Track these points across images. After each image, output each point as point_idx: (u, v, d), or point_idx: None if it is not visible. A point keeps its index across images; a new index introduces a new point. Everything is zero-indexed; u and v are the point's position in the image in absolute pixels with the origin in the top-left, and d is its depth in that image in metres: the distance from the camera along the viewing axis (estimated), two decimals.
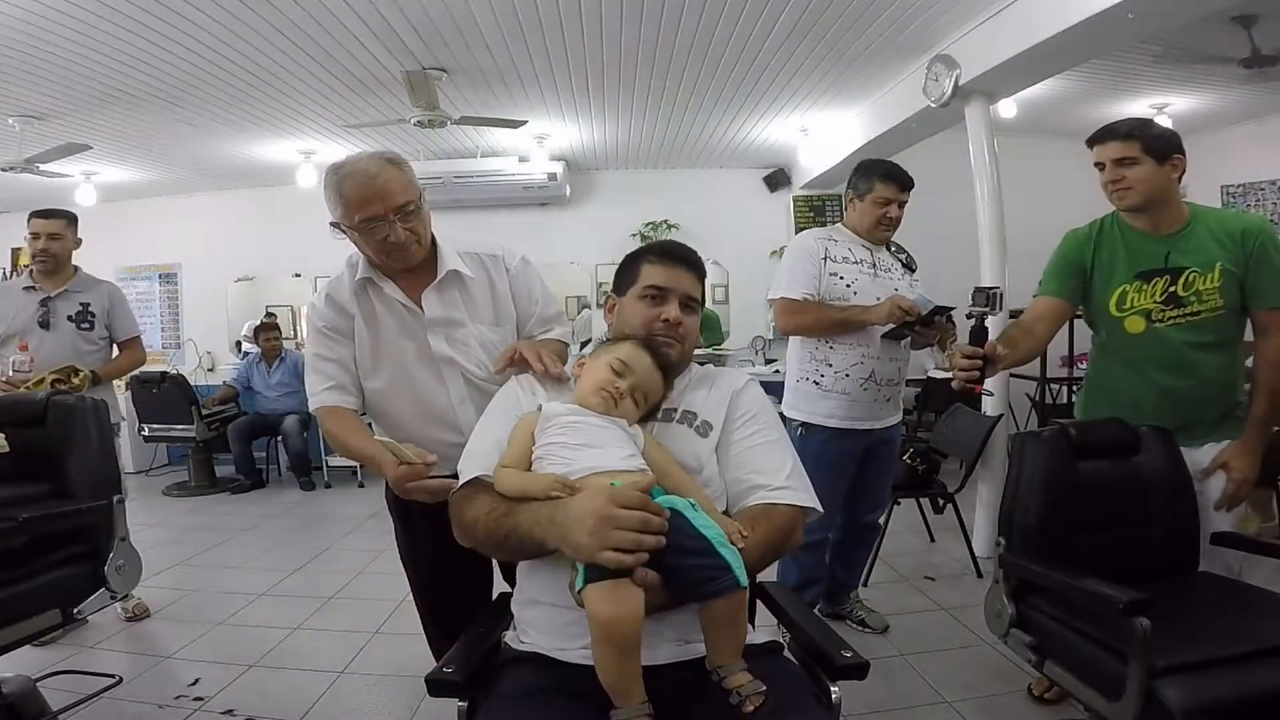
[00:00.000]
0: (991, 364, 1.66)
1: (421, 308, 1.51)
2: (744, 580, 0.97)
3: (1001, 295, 1.84)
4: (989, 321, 1.72)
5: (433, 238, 1.55)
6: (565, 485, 1.03)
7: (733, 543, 1.00)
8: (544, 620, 1.12)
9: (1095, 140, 1.83)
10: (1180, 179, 1.78)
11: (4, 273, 6.33)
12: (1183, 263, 1.76)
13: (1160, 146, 1.74)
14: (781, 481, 1.16)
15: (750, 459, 1.19)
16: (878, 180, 2.32)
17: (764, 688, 0.96)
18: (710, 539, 0.97)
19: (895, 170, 2.34)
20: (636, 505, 0.96)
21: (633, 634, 0.93)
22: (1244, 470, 1.75)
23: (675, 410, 1.25)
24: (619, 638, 0.93)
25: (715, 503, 1.14)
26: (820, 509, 1.19)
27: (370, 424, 1.61)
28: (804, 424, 2.34)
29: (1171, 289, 1.76)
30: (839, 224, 2.46)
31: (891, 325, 2.21)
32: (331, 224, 1.48)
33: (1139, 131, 1.76)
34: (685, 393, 1.27)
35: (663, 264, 1.29)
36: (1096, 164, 1.82)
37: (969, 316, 1.72)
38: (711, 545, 0.97)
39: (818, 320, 2.28)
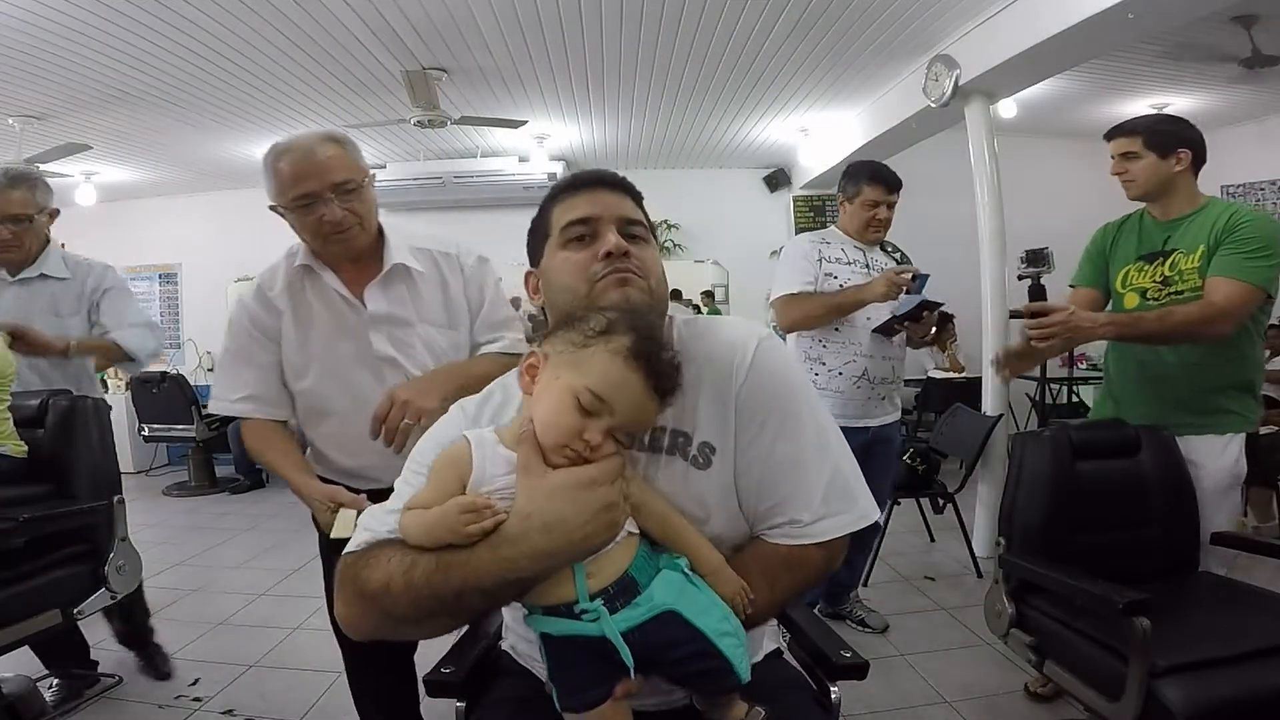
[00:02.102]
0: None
1: (364, 303, 1.40)
2: (746, 676, 0.80)
3: (1052, 254, 1.89)
4: (1044, 279, 1.79)
5: (381, 229, 1.44)
6: (487, 508, 0.75)
7: (737, 611, 0.81)
8: (529, 658, 1.03)
9: (1107, 136, 1.93)
10: (1185, 171, 1.82)
11: None
12: (1175, 245, 1.83)
13: (1162, 141, 1.81)
14: (815, 512, 0.86)
15: (773, 484, 0.87)
16: (865, 183, 2.35)
17: (764, 711, 0.84)
18: (709, 635, 0.77)
19: (882, 171, 2.37)
20: (601, 455, 0.76)
21: None
22: (1073, 316, 1.72)
23: (663, 432, 0.88)
24: None
25: (725, 547, 0.87)
26: (877, 517, 0.92)
27: (302, 432, 1.53)
28: None
29: (1164, 271, 1.84)
30: (831, 227, 2.49)
31: (888, 316, 2.24)
32: (270, 206, 1.38)
33: (1143, 127, 1.85)
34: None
35: (579, 193, 0.95)
36: (1111, 158, 1.92)
37: (1021, 278, 1.78)
38: (711, 643, 0.77)
39: (817, 307, 2.29)
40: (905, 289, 2.17)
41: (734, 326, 0.93)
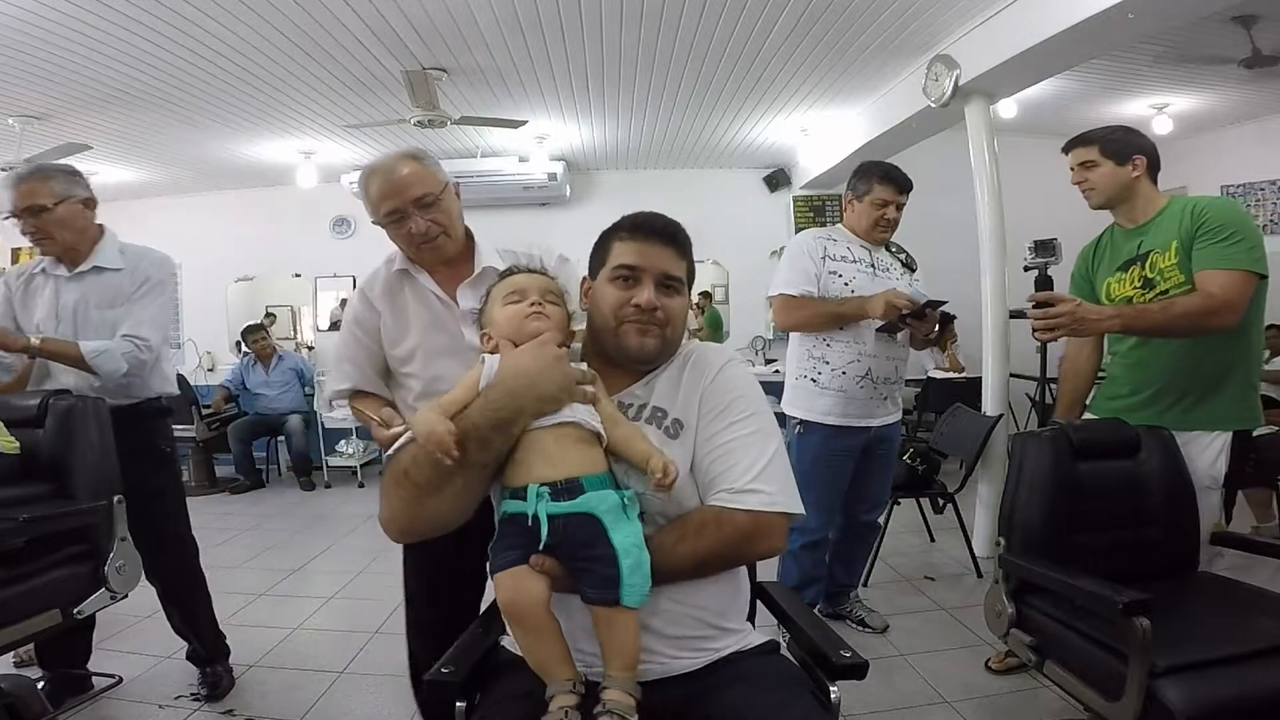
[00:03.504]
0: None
1: (456, 301, 1.57)
2: (628, 601, 0.94)
3: (1060, 245, 1.90)
4: (1051, 270, 1.84)
5: (470, 234, 1.63)
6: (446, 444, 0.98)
7: (654, 471, 1.00)
8: None
9: (1065, 148, 1.99)
10: (1141, 177, 1.87)
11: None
12: (1149, 246, 1.84)
13: (1117, 149, 1.87)
14: (745, 484, 1.05)
15: (719, 457, 1.08)
16: (876, 182, 2.34)
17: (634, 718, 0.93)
18: (615, 548, 0.95)
19: (893, 172, 2.37)
20: (560, 343, 1.10)
21: (536, 615, 0.96)
22: (1079, 307, 1.75)
23: (646, 405, 1.14)
24: (521, 618, 0.97)
25: (678, 509, 1.07)
26: (798, 510, 1.08)
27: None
28: (802, 421, 2.36)
29: (1143, 273, 1.84)
30: (838, 224, 2.48)
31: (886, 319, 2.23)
32: (373, 222, 1.56)
33: (1098, 136, 1.91)
34: (656, 383, 1.16)
35: (635, 240, 1.15)
36: (1071, 169, 1.97)
37: (1026, 269, 1.81)
38: (614, 554, 0.95)
39: (814, 314, 2.30)
40: (903, 311, 2.17)
41: (721, 349, 1.24)
